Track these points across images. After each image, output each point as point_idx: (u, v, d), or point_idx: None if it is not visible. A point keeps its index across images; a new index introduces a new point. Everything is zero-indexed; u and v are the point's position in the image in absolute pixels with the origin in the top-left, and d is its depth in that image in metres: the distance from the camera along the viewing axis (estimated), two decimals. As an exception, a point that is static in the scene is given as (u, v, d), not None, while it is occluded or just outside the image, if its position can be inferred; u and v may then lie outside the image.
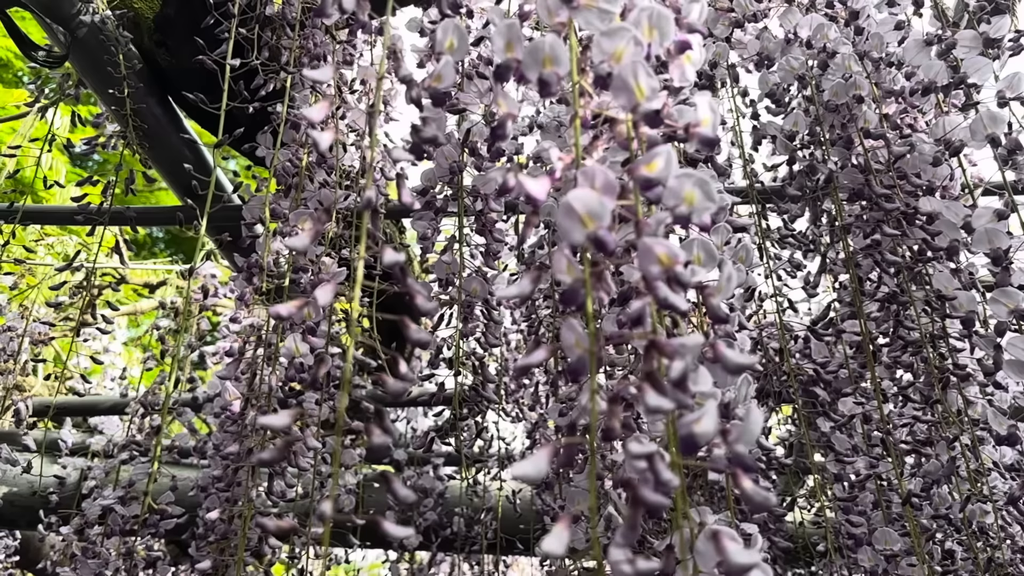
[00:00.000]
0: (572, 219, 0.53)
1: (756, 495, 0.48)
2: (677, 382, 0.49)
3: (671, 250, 0.53)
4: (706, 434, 0.47)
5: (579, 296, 0.55)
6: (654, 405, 0.48)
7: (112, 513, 1.48)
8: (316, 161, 1.00)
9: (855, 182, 1.07)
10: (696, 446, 0.47)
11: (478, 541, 1.74)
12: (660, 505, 0.48)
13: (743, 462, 0.50)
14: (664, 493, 0.48)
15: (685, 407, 0.48)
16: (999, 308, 0.88)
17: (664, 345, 0.51)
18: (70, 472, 1.82)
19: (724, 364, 0.51)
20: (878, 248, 0.97)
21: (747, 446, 0.51)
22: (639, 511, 0.49)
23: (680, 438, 0.48)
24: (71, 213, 1.28)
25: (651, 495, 0.48)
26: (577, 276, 0.55)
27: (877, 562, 1.06)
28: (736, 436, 0.51)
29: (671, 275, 0.53)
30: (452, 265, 1.01)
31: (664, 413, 0.48)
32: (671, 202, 0.55)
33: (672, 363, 0.50)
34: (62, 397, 1.90)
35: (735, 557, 0.45)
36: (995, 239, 0.86)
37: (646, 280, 0.54)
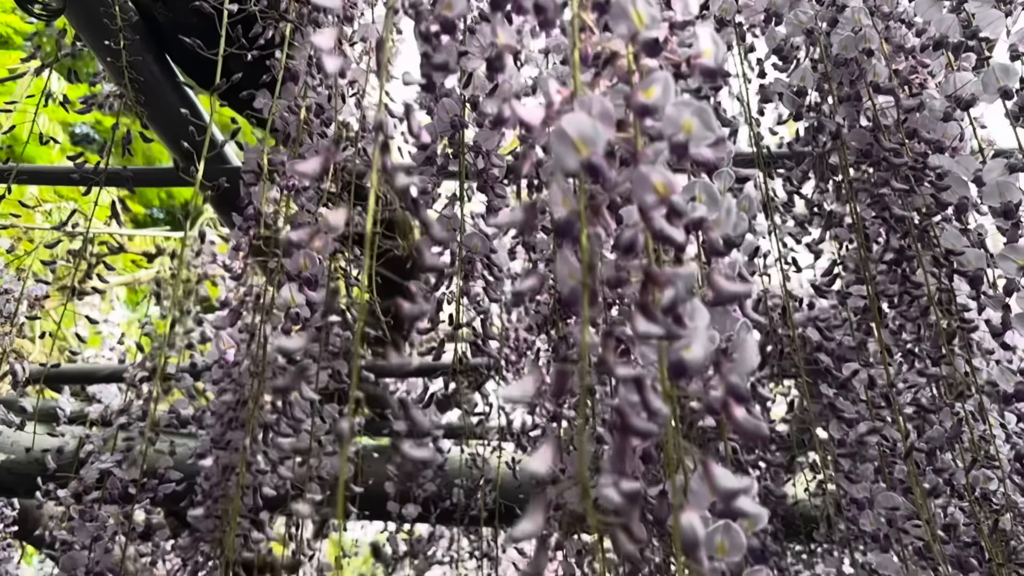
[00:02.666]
0: (566, 145, 0.51)
1: (748, 423, 0.46)
2: (668, 308, 0.47)
3: (667, 179, 0.52)
4: (696, 360, 0.46)
5: (574, 228, 0.53)
6: (644, 331, 0.46)
7: (110, 477, 1.48)
8: (314, 112, 0.98)
9: (863, 142, 1.04)
10: (686, 372, 0.46)
11: (477, 512, 1.73)
12: (649, 432, 0.46)
13: (737, 392, 0.48)
14: (654, 421, 0.46)
15: (675, 336, 0.46)
16: (1008, 265, 0.86)
17: (657, 274, 0.50)
18: (68, 440, 1.82)
19: (718, 293, 0.50)
20: (885, 205, 0.95)
21: (741, 377, 0.50)
22: (628, 439, 0.47)
23: (670, 364, 0.46)
24: (66, 173, 1.27)
25: (640, 422, 0.46)
26: (573, 208, 0.54)
27: (879, 526, 1.04)
28: (730, 367, 0.50)
29: (667, 205, 0.51)
30: (453, 220, 0.99)
31: (654, 338, 0.46)
32: (669, 130, 0.54)
33: (664, 291, 0.48)
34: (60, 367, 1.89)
35: (724, 482, 0.43)
36: (1006, 192, 0.84)
37: (642, 211, 0.52)
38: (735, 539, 0.58)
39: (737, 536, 0.57)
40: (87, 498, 1.51)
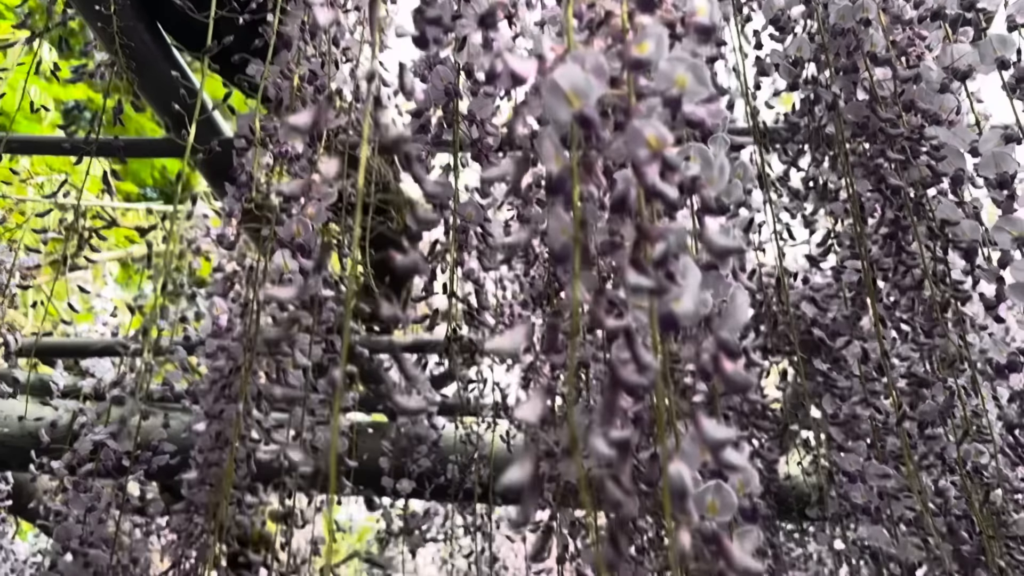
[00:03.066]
0: (558, 97, 0.51)
1: (737, 377, 0.46)
2: (659, 262, 0.47)
3: (660, 133, 0.51)
4: (686, 313, 0.46)
5: (566, 184, 0.53)
6: (635, 283, 0.46)
7: (104, 448, 1.48)
8: (308, 79, 0.98)
9: (859, 114, 1.04)
10: (676, 325, 0.46)
11: (472, 487, 1.73)
12: (639, 385, 0.46)
13: (727, 347, 0.48)
14: (643, 375, 0.46)
15: (666, 289, 0.46)
16: (1003, 236, 0.86)
17: (649, 229, 0.49)
18: (61, 414, 1.82)
19: (710, 247, 0.49)
20: (881, 177, 0.95)
21: (731, 333, 0.49)
22: (618, 392, 0.47)
23: (660, 317, 0.46)
24: (57, 143, 1.26)
25: (630, 375, 0.46)
26: (564, 163, 0.53)
27: (870, 498, 1.04)
28: (720, 322, 0.49)
29: (660, 159, 0.51)
30: (446, 189, 0.98)
31: (645, 291, 0.46)
32: (662, 85, 0.53)
33: (656, 246, 0.48)
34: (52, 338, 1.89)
35: (713, 433, 0.43)
36: (1002, 163, 0.84)
37: (635, 166, 0.52)
38: (726, 498, 0.58)
39: (728, 496, 0.58)
40: (81, 470, 1.51)
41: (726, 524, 0.57)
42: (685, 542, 0.41)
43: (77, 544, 1.43)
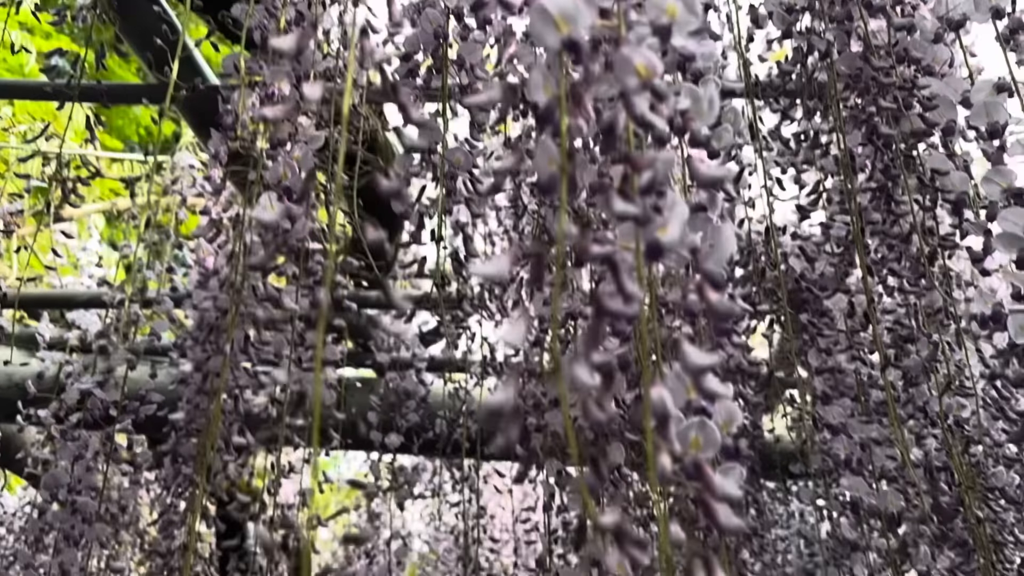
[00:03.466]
0: (546, 22, 0.50)
1: (722, 305, 0.46)
2: (646, 189, 0.46)
3: (649, 61, 0.50)
4: (672, 241, 0.45)
5: (554, 114, 0.52)
6: (621, 210, 0.46)
7: (91, 397, 1.48)
8: (294, 21, 0.96)
9: (852, 66, 1.03)
10: (661, 253, 0.45)
11: (459, 441, 1.74)
12: (624, 314, 0.46)
13: (713, 278, 0.48)
14: (628, 305, 0.46)
15: (651, 217, 0.46)
16: (992, 188, 0.85)
17: (636, 157, 0.49)
18: (48, 365, 1.81)
19: (698, 177, 0.49)
20: (873, 128, 0.95)
21: (717, 264, 0.49)
22: (602, 321, 0.47)
23: (646, 245, 0.45)
24: (39, 87, 1.24)
25: (615, 304, 0.46)
26: (553, 93, 0.52)
27: (852, 451, 1.06)
28: (706, 254, 0.49)
29: (649, 88, 0.50)
30: (435, 133, 0.97)
31: (631, 219, 0.45)
32: (652, 14, 0.52)
33: (643, 174, 0.48)
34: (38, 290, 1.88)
35: (694, 358, 0.43)
36: (993, 112, 0.83)
37: (623, 96, 0.51)
38: (710, 435, 0.58)
39: (712, 432, 0.58)
40: (68, 419, 1.51)
41: (708, 461, 0.58)
42: (666, 464, 0.41)
43: (65, 492, 1.43)
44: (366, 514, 2.25)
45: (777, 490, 1.99)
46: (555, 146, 0.51)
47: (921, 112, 0.88)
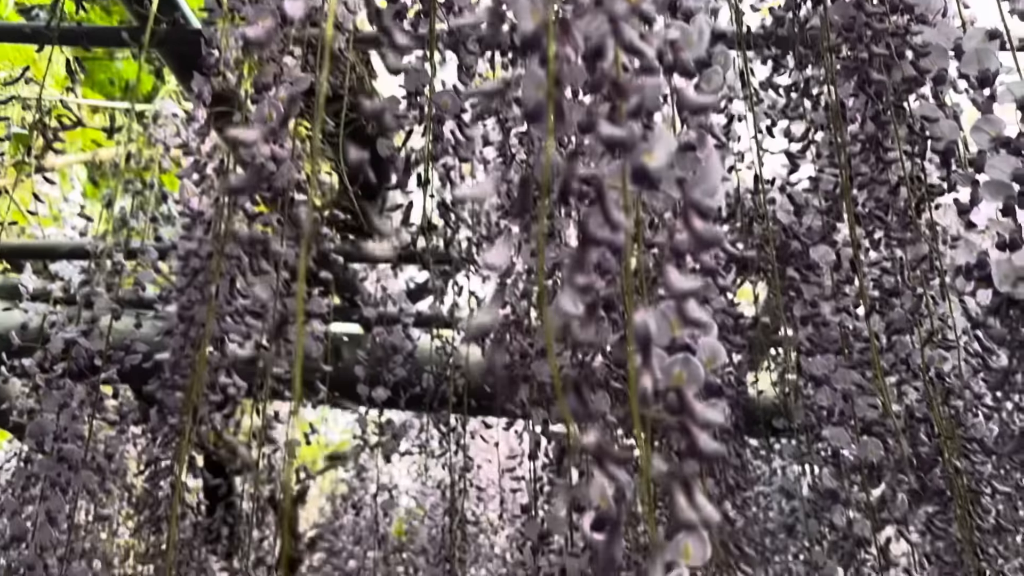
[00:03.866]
0: (533, -55, 0.49)
1: (707, 233, 0.46)
2: (633, 113, 0.46)
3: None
4: (658, 167, 0.45)
5: (542, 40, 0.51)
6: (607, 134, 0.45)
7: (75, 346, 1.47)
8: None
9: (845, 15, 1.02)
10: (647, 178, 0.45)
11: (447, 397, 1.75)
12: (609, 242, 0.46)
13: (699, 207, 0.47)
14: (613, 232, 0.46)
15: (637, 143, 0.45)
16: (981, 137, 0.85)
17: (623, 83, 0.48)
18: (32, 316, 1.80)
19: (686, 104, 0.49)
20: (864, 77, 0.94)
21: (705, 194, 0.49)
22: (588, 249, 0.47)
23: (632, 170, 0.45)
24: (17, 29, 1.21)
25: (601, 231, 0.46)
26: (541, 20, 0.52)
27: (835, 401, 1.06)
28: (692, 183, 0.49)
29: (637, 13, 0.49)
30: (422, 76, 0.96)
31: (617, 143, 0.45)
32: (643, -61, 0.51)
33: (630, 99, 0.47)
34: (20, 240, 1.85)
35: (677, 283, 0.43)
36: (985, 60, 0.83)
37: (612, 21, 0.50)
38: (693, 371, 0.58)
39: (696, 368, 0.58)
40: (53, 369, 1.50)
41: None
42: (647, 386, 0.41)
43: (51, 441, 1.43)
44: (354, 470, 2.27)
45: (760, 448, 2.01)
46: (542, 72, 0.50)
47: (913, 59, 0.88)
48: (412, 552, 2.63)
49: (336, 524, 2.67)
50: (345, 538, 2.64)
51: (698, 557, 0.52)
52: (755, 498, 1.95)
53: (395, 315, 1.89)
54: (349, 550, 2.59)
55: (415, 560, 2.62)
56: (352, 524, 2.53)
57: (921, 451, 1.09)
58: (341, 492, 2.72)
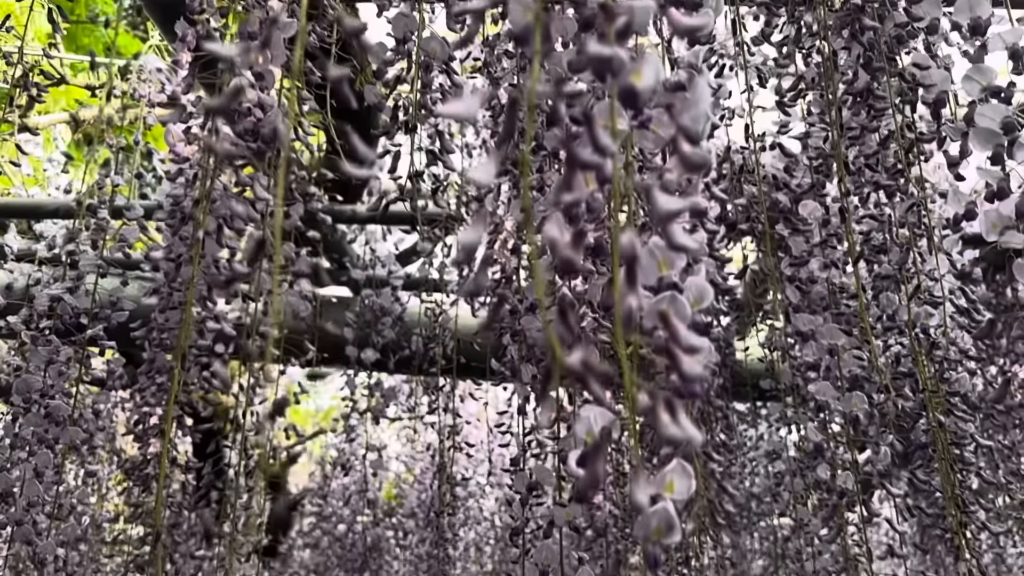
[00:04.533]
0: None
1: (695, 156, 0.45)
2: (621, 33, 0.45)
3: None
4: (646, 87, 0.44)
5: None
6: (594, 53, 0.44)
7: (61, 303, 1.46)
8: None
9: (839, -34, 1.01)
10: (635, 100, 0.44)
11: (435, 359, 1.75)
12: (595, 165, 0.45)
13: (687, 132, 0.47)
14: (600, 155, 0.45)
15: (625, 62, 0.45)
16: (972, 86, 0.85)
17: (612, 6, 0.47)
18: (17, 276, 1.79)
19: (676, 28, 0.48)
20: (857, 28, 0.93)
21: (692, 120, 0.48)
22: (574, 172, 0.46)
23: (620, 91, 0.45)
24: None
25: (587, 155, 0.45)
26: (527, -56, 0.51)
27: (821, 356, 1.07)
28: (681, 107, 0.48)
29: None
30: (410, 21, 0.94)
31: (605, 63, 0.44)
32: None
33: (618, 20, 0.46)
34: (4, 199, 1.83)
35: (663, 204, 0.43)
36: (977, 7, 0.82)
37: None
38: (680, 309, 0.58)
39: (682, 306, 0.58)
40: (39, 327, 1.49)
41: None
42: (632, 303, 0.41)
43: (38, 396, 1.43)
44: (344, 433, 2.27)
45: (747, 413, 2.03)
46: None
47: (906, 6, 0.87)
48: (402, 515, 2.66)
49: (326, 488, 2.68)
50: (335, 502, 2.65)
51: (682, 490, 0.52)
52: (742, 462, 1.97)
53: (384, 278, 1.89)
54: (339, 514, 2.61)
55: (404, 523, 2.64)
56: (342, 489, 2.54)
57: (905, 406, 1.10)
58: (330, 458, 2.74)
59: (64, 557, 1.50)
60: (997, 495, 1.65)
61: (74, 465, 2.30)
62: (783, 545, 2.19)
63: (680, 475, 0.52)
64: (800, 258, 1.11)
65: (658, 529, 0.51)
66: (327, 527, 2.76)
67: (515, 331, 1.17)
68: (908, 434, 1.14)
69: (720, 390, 1.62)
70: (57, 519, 1.47)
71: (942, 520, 1.17)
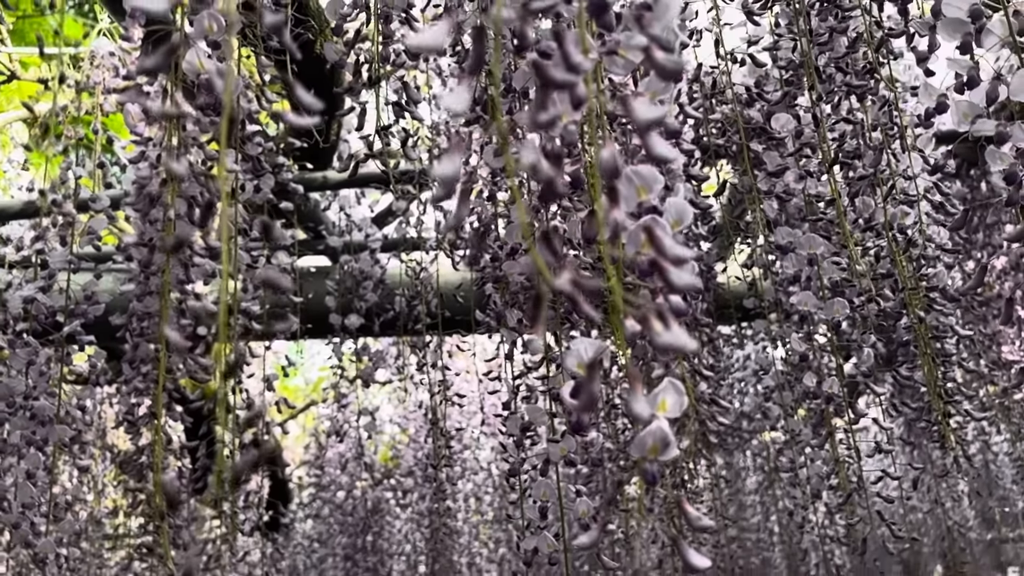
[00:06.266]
0: None
1: (668, 63, 0.45)
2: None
3: None
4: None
5: None
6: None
7: (35, 303, 1.43)
8: None
9: None
10: (605, 9, 0.44)
11: (419, 318, 1.75)
12: (568, 83, 0.45)
13: (659, 41, 0.47)
14: (571, 72, 0.45)
15: None
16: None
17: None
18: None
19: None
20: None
21: (662, 29, 0.48)
22: (548, 92, 0.46)
23: (589, 5, 0.44)
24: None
25: (560, 73, 0.45)
26: None
27: (801, 267, 1.08)
28: (650, 17, 0.48)
29: None
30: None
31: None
32: None
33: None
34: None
35: (642, 112, 0.43)
36: None
37: None
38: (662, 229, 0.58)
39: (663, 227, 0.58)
40: (15, 330, 1.47)
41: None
42: (616, 217, 0.41)
43: (21, 399, 1.41)
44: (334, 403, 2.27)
45: (733, 335, 2.06)
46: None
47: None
48: (399, 475, 2.69)
49: (322, 458, 2.70)
50: (332, 470, 2.68)
51: (674, 407, 0.53)
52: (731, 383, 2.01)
53: (362, 242, 1.87)
54: (337, 482, 2.63)
55: (403, 482, 2.67)
56: (338, 457, 2.56)
57: (886, 307, 1.12)
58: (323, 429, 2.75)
59: (65, 554, 1.49)
60: (981, 385, 1.70)
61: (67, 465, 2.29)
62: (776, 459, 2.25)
63: (672, 393, 0.53)
64: (776, 172, 1.12)
65: (654, 447, 0.52)
66: (326, 496, 2.79)
67: (497, 278, 1.18)
68: (890, 334, 1.16)
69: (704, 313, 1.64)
70: (55, 518, 1.47)
71: (927, 414, 1.20)
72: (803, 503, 1.52)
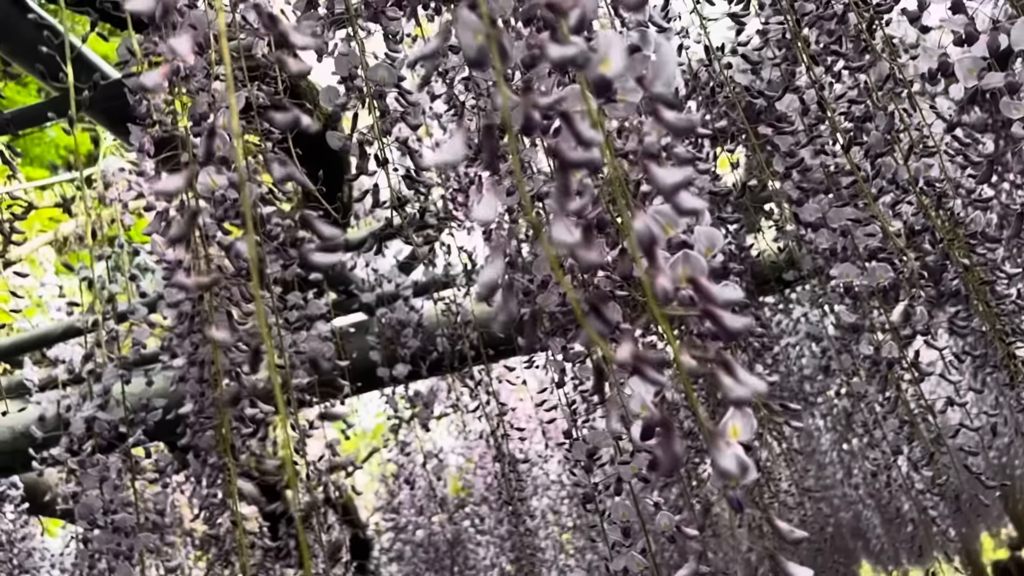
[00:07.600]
0: None
1: (679, 122, 0.45)
2: (577, 28, 0.45)
3: None
4: (617, 72, 0.44)
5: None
6: (557, 56, 0.44)
7: (96, 421, 1.47)
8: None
9: None
10: (608, 87, 0.45)
11: (463, 353, 1.76)
12: (585, 162, 0.45)
13: (663, 99, 0.47)
14: (587, 150, 0.46)
15: (589, 55, 0.45)
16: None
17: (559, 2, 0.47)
18: (46, 407, 1.79)
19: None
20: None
21: (665, 85, 0.49)
22: (568, 173, 0.46)
23: (592, 83, 0.45)
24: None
25: (575, 154, 0.45)
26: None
27: (835, 240, 1.08)
28: (652, 75, 0.48)
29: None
30: (351, 56, 0.94)
31: (569, 63, 0.44)
32: None
33: (571, 15, 0.46)
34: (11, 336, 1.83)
35: (664, 178, 0.43)
36: None
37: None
38: (695, 264, 0.58)
39: (697, 261, 0.58)
40: (82, 449, 1.51)
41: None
42: (664, 283, 0.42)
43: (100, 515, 1.44)
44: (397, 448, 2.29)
45: (777, 303, 2.04)
46: (476, 16, 0.49)
47: None
48: (473, 504, 2.70)
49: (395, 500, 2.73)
50: (407, 511, 2.70)
51: (746, 433, 0.53)
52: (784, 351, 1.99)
53: (393, 292, 1.89)
54: (414, 521, 2.65)
55: (478, 510, 2.68)
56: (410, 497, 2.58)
57: (928, 261, 1.11)
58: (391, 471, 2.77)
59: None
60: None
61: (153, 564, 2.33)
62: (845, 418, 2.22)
63: (741, 419, 0.53)
64: (790, 152, 1.11)
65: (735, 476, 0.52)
66: (406, 536, 2.81)
67: (533, 312, 1.18)
68: (938, 287, 1.15)
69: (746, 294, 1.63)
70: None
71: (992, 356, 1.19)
72: (884, 462, 1.51)
